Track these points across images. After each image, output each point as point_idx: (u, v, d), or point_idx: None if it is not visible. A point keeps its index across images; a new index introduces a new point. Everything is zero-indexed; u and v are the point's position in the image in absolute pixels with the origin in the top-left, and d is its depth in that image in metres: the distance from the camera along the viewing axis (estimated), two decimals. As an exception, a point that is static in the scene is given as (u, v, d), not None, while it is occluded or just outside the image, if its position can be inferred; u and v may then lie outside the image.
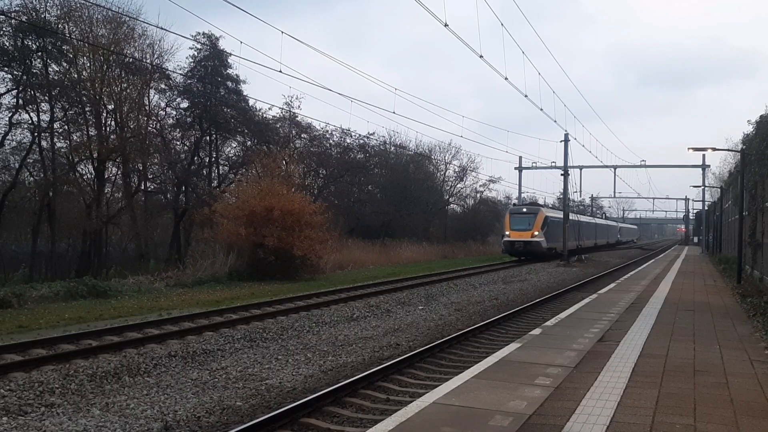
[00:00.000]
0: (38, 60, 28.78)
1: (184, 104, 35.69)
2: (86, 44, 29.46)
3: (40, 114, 29.39)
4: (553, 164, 51.31)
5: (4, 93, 28.28)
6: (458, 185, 59.04)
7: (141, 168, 34.07)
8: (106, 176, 32.43)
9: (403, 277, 26.15)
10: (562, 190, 45.21)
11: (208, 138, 37.12)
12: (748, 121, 21.38)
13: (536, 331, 10.45)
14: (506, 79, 23.87)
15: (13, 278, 24.19)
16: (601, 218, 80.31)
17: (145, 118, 34.21)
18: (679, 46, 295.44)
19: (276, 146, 36.76)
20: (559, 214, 43.41)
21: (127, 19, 30.84)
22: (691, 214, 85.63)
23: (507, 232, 40.39)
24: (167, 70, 33.86)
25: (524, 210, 41.78)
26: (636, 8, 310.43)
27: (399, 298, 18.81)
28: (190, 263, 25.61)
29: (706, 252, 53.14)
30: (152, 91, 34.38)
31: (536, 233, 39.37)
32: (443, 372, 9.94)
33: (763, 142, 19.32)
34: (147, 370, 9.71)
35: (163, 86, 34.55)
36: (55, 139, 30.26)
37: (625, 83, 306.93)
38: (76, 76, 30.16)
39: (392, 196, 49.54)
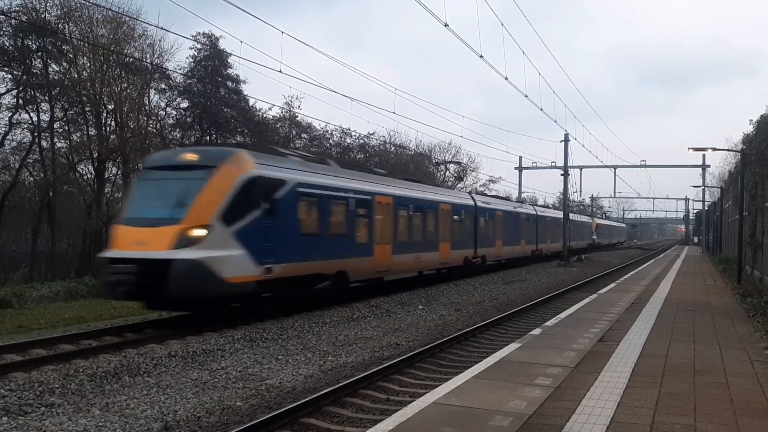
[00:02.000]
0: (38, 60, 28.84)
1: (184, 104, 35.70)
2: (86, 44, 29.48)
3: (40, 114, 29.52)
4: (553, 164, 51.32)
5: (4, 93, 28.36)
6: (458, 185, 58.99)
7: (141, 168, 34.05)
8: (106, 176, 32.45)
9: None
10: (562, 190, 44.48)
11: (208, 138, 37.09)
12: (750, 120, 21.42)
13: (536, 331, 10.46)
14: (506, 79, 23.85)
15: (13, 278, 24.25)
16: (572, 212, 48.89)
17: (145, 118, 34.22)
18: (680, 46, 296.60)
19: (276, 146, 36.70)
20: (338, 179, 17.13)
21: (127, 19, 30.89)
22: (691, 214, 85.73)
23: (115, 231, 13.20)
24: (167, 70, 33.90)
25: (179, 159, 13.68)
26: (636, 8, 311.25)
27: (399, 298, 18.79)
28: (190, 263, 25.55)
29: (706, 252, 53.15)
30: (152, 91, 34.40)
31: (197, 233, 12.11)
32: (443, 372, 9.93)
33: (763, 142, 19.33)
34: (147, 370, 9.70)
35: (163, 86, 34.57)
36: (55, 139, 30.33)
37: (626, 83, 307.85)
38: (76, 76, 30.20)
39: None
